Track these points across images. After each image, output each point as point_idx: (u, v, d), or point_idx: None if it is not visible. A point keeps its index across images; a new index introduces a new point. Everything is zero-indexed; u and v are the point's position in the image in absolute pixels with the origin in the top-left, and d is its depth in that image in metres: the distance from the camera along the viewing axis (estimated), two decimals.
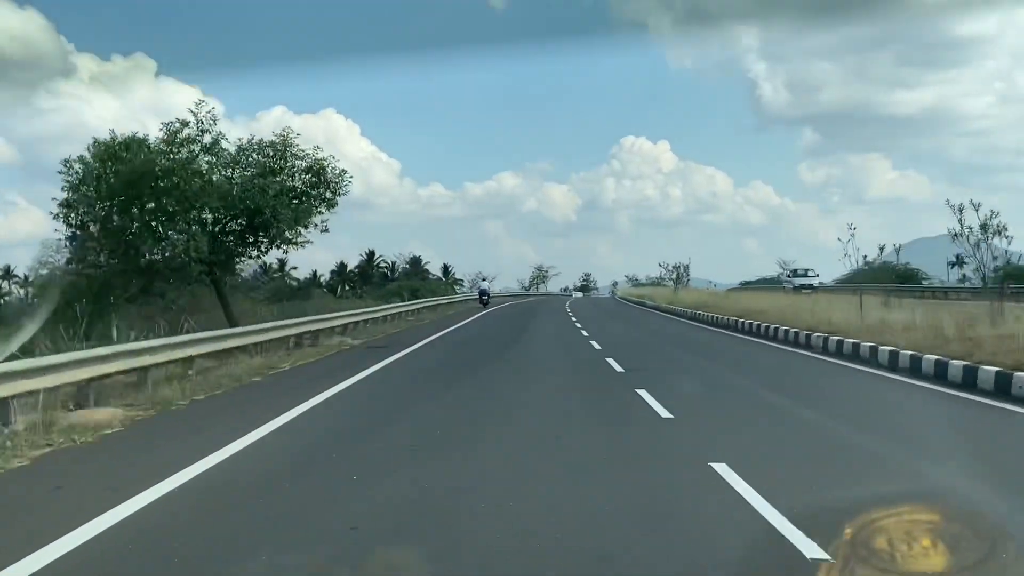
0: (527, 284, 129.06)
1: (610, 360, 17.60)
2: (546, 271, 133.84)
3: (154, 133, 22.35)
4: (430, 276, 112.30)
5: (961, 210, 18.36)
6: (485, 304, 46.13)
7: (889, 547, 4.07)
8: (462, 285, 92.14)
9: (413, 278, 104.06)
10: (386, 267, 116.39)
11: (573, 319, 37.29)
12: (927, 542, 4.22)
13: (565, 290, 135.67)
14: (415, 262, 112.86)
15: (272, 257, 32.06)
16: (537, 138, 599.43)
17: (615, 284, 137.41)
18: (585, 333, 27.95)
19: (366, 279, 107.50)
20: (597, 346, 22.43)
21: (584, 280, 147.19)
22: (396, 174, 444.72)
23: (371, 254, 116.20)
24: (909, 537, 4.19)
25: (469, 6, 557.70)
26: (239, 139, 23.66)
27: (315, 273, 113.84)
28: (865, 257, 26.80)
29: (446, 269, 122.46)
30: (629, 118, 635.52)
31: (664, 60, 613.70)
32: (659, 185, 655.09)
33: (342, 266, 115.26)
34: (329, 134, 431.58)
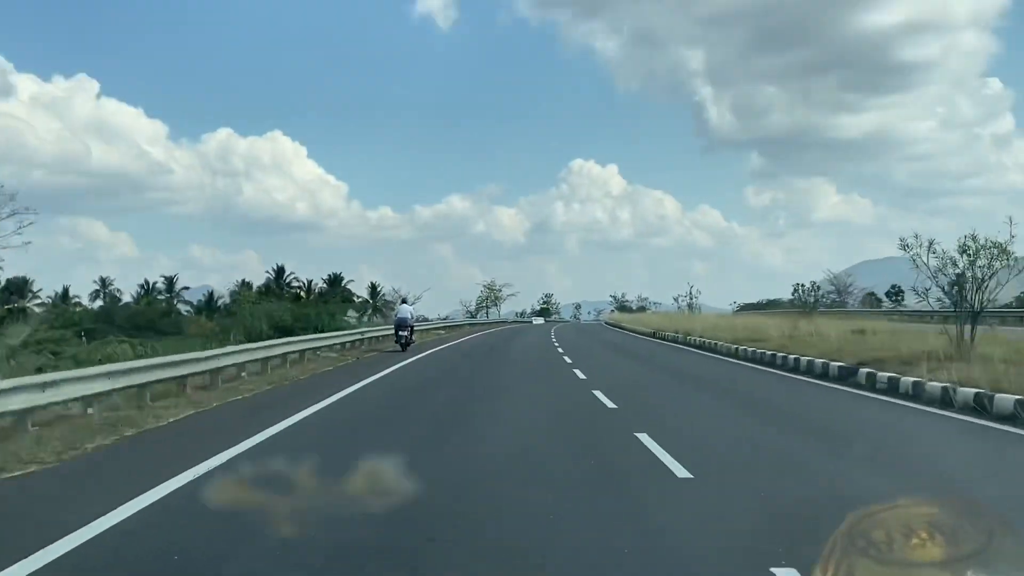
0: (474, 308, 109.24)
1: None
2: (498, 290, 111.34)
3: None
4: (355, 297, 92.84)
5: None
6: (404, 346, 25.35)
7: None
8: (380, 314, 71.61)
9: (330, 298, 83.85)
10: (299, 285, 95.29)
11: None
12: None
13: (522, 315, 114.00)
14: (334, 280, 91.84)
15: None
16: (487, 161, 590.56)
17: (598, 313, 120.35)
18: None
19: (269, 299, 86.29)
20: None
21: (544, 302, 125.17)
22: (344, 197, 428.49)
23: (280, 270, 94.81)
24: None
25: (417, 30, 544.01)
26: None
27: (211, 295, 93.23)
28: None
29: (374, 289, 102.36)
30: (578, 142, 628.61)
31: (612, 84, 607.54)
32: (608, 208, 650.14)
33: (245, 285, 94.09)
34: (276, 156, 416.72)
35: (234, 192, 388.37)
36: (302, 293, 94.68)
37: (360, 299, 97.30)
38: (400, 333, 26.30)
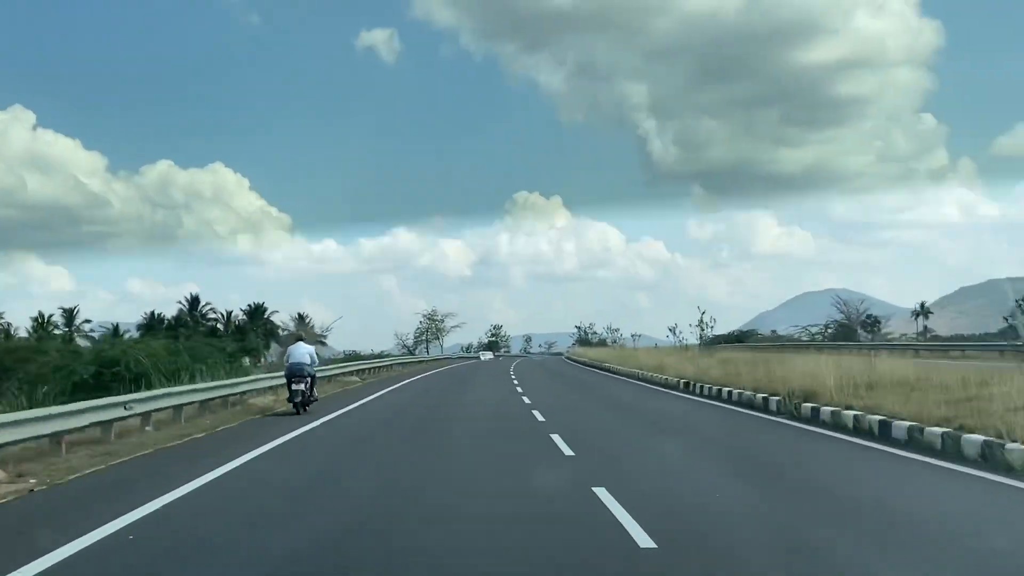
0: (412, 342, 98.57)
1: None
2: (440, 320, 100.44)
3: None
4: (280, 330, 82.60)
5: None
6: (301, 406, 15.78)
7: None
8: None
9: (249, 332, 74.12)
10: (216, 318, 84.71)
11: None
12: None
13: (469, 350, 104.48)
14: (255, 311, 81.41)
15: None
16: (432, 194, 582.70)
17: (548, 346, 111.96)
18: None
19: (178, 333, 75.52)
20: None
21: (492, 335, 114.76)
22: (287, 229, 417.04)
23: (194, 300, 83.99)
24: None
25: (361, 62, 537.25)
26: None
27: (116, 327, 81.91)
28: None
29: (301, 320, 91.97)
30: (523, 173, 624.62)
31: (556, 116, 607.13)
32: (552, 241, 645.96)
33: (154, 317, 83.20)
34: (217, 188, 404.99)
35: (174, 224, 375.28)
36: (219, 326, 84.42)
37: (284, 331, 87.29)
38: (294, 387, 17.06)
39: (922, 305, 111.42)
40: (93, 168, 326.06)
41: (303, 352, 17.60)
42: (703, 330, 40.47)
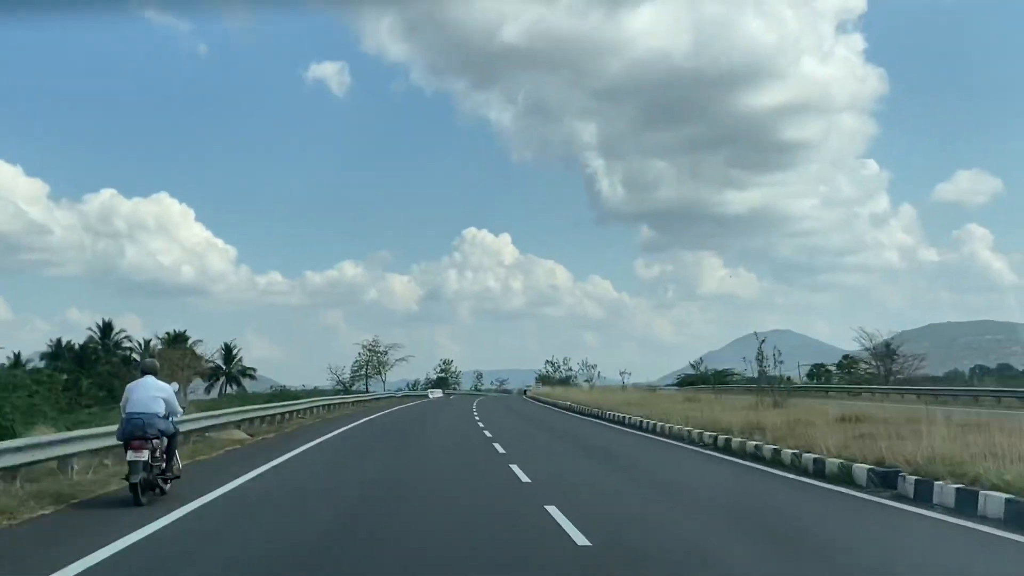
0: (348, 376, 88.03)
1: None
2: (384, 352, 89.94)
3: None
4: (206, 362, 74.24)
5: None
6: (144, 490, 9.19)
7: None
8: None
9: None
10: (132, 347, 75.47)
11: None
12: None
13: (415, 386, 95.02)
14: (175, 339, 72.27)
15: None
16: (379, 228, 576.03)
17: (501, 383, 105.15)
18: None
19: (85, 362, 66.54)
20: None
21: (442, 370, 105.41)
22: (232, 261, 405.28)
23: (106, 327, 74.72)
24: None
25: (311, 95, 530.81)
26: None
27: (18, 357, 72.26)
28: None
29: (228, 353, 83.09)
30: (472, 210, 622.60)
31: (506, 153, 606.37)
32: (500, 277, 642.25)
33: (60, 345, 73.80)
34: (161, 219, 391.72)
35: (116, 254, 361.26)
36: (135, 356, 75.33)
37: (211, 364, 79.42)
38: (132, 457, 9.85)
39: (887, 345, 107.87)
40: (34, 195, 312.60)
41: (152, 395, 10.24)
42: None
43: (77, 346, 72.69)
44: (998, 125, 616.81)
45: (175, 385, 10.84)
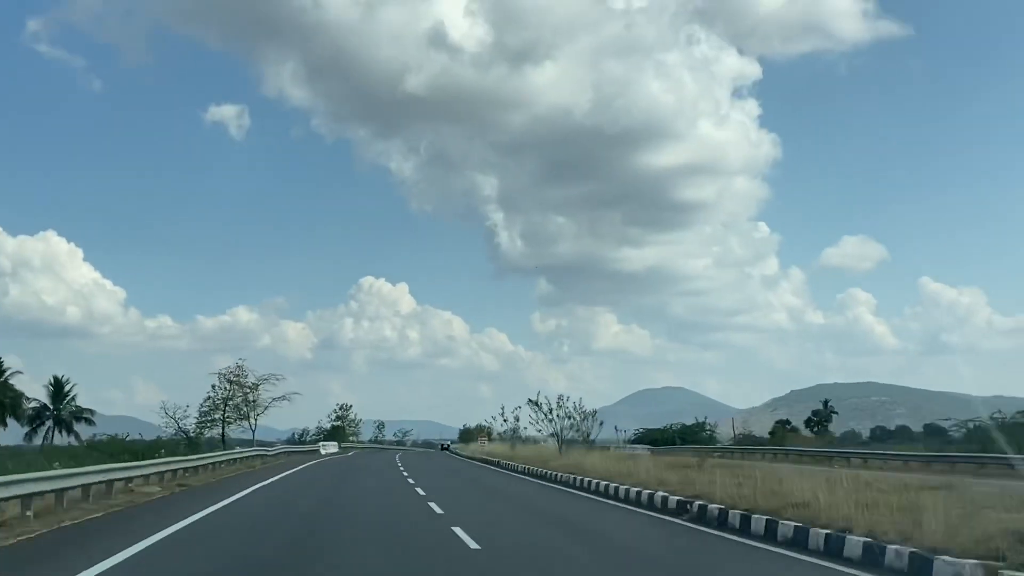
0: (195, 424, 57.29)
1: None
2: (253, 386, 60.35)
3: None
4: (25, 400, 62.58)
5: None
6: None
7: None
8: None
9: None
10: None
11: None
12: None
13: (303, 437, 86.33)
14: None
15: None
16: (275, 273, 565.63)
17: (403, 434, 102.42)
18: None
19: None
20: None
21: (338, 417, 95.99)
22: (120, 303, 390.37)
23: None
24: None
25: (208, 137, 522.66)
26: None
27: None
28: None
29: (58, 390, 65.77)
30: (370, 259, 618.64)
31: (406, 203, 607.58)
32: (397, 327, 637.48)
33: None
34: (47, 258, 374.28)
35: None
36: None
37: (33, 405, 63.75)
38: None
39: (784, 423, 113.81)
40: None
41: None
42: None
43: None
44: (883, 193, 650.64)
45: None
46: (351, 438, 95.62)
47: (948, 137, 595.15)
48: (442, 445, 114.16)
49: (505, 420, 59.32)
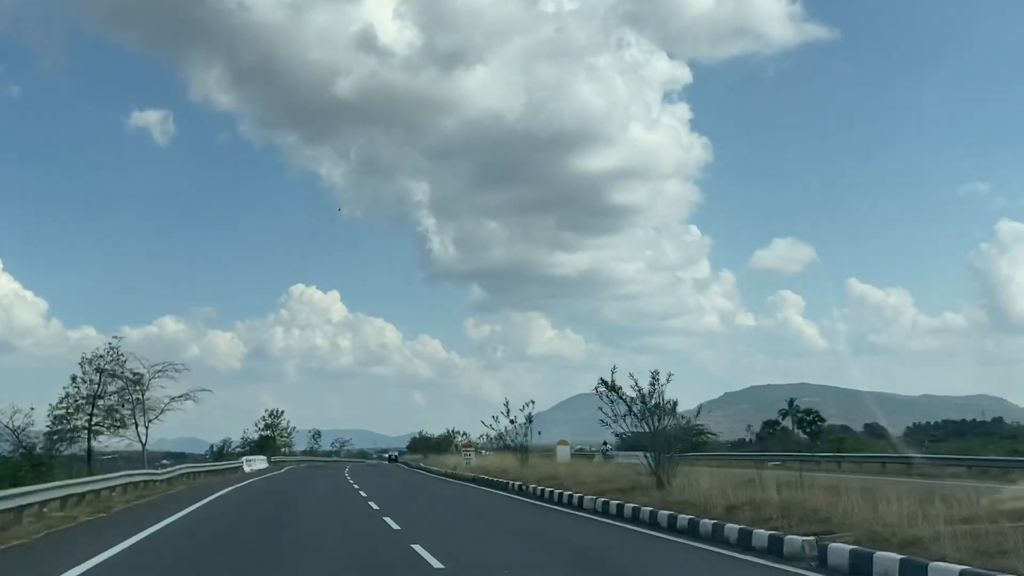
0: (45, 435, 39.07)
1: None
2: (134, 378, 43.42)
3: None
4: None
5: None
6: None
7: None
8: None
9: None
10: None
11: None
12: None
13: (224, 451, 71.98)
14: None
15: None
16: (203, 282, 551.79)
17: (342, 444, 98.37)
18: None
19: None
20: None
21: (267, 425, 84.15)
22: (42, 314, 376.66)
23: None
24: None
25: (132, 144, 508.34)
26: None
27: None
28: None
29: None
30: (300, 267, 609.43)
31: (336, 209, 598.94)
32: (328, 336, 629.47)
33: None
34: None
35: None
36: None
37: None
38: None
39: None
40: None
41: None
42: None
43: None
44: (812, 195, 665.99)
45: None
46: (283, 450, 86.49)
47: (874, 140, 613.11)
48: (390, 456, 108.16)
49: (493, 424, 43.92)
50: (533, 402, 42.19)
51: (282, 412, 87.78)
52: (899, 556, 9.84)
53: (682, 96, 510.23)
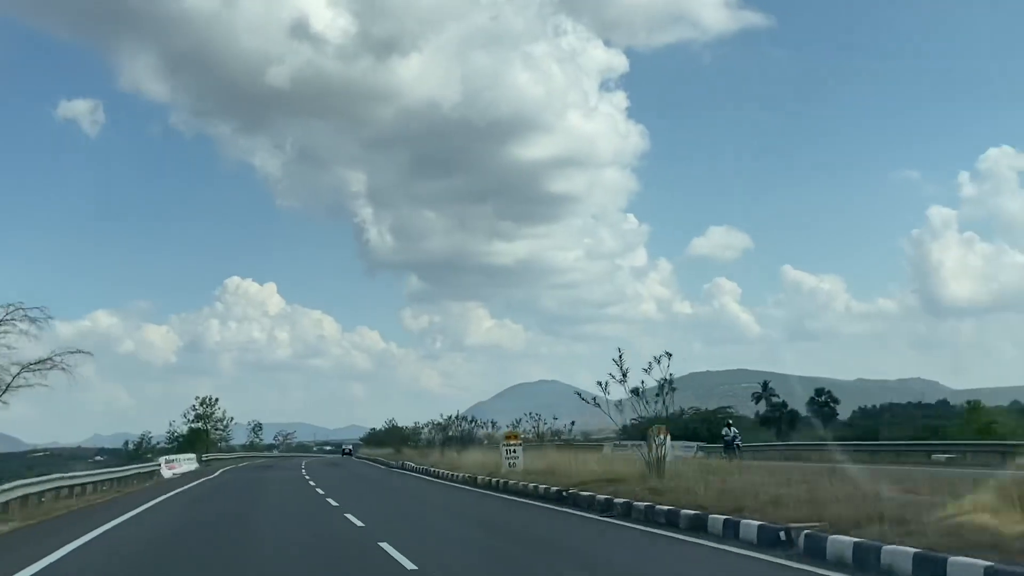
0: None
1: None
2: None
3: None
4: None
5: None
6: None
7: None
8: None
9: None
10: None
11: None
12: None
13: (139, 450, 65.84)
14: None
15: None
16: (136, 276, 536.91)
17: (285, 436, 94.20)
18: None
19: None
20: None
21: (198, 416, 74.61)
22: None
23: None
24: None
25: (60, 135, 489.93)
26: None
27: None
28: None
29: None
30: (235, 258, 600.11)
31: (272, 201, 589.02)
32: (265, 328, 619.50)
33: None
34: None
35: None
36: None
37: None
38: None
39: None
40: None
41: None
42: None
43: None
44: (747, 183, 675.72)
45: None
46: (219, 445, 76.50)
47: (809, 127, 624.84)
48: (344, 450, 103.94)
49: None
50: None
51: (216, 400, 78.43)
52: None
53: (619, 84, 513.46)
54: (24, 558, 11.92)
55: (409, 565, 10.43)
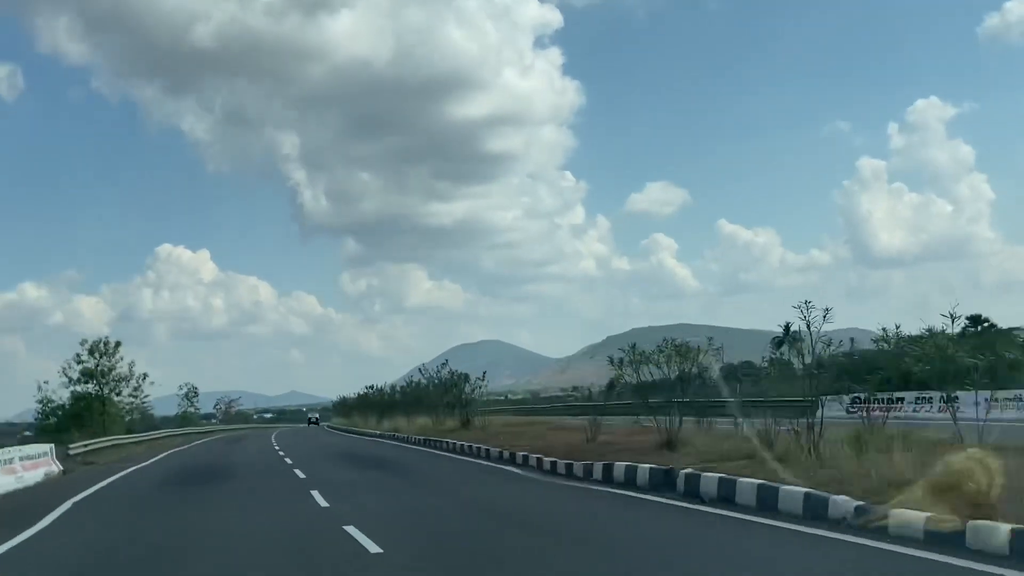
0: None
1: None
2: None
3: None
4: None
5: None
6: None
7: None
8: None
9: None
10: None
11: None
12: None
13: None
14: None
15: None
16: (64, 246, 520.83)
17: (228, 403, 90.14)
18: None
19: None
20: None
21: (84, 377, 46.71)
22: None
23: None
24: None
25: None
26: None
27: None
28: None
29: None
30: (166, 226, 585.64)
31: (202, 165, 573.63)
32: (200, 296, 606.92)
33: None
34: None
35: None
36: None
37: None
38: None
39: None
40: None
41: None
42: None
43: None
44: (683, 138, 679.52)
45: None
46: (125, 418, 49.81)
47: (741, 81, 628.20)
48: (310, 419, 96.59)
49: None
50: None
51: (117, 345, 49.51)
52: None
53: (554, 40, 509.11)
54: None
55: None
